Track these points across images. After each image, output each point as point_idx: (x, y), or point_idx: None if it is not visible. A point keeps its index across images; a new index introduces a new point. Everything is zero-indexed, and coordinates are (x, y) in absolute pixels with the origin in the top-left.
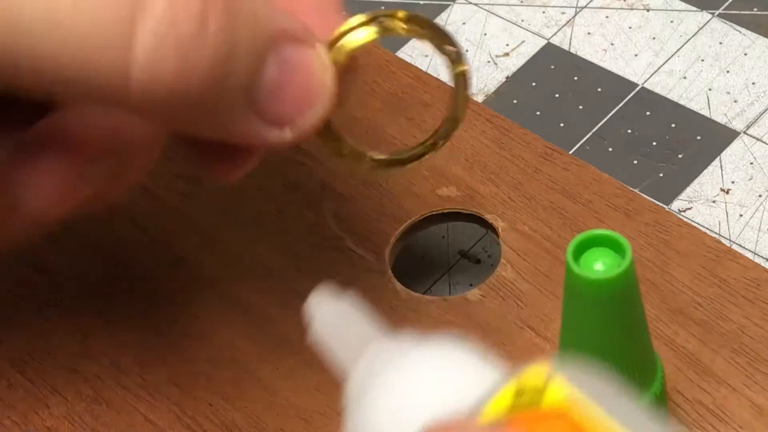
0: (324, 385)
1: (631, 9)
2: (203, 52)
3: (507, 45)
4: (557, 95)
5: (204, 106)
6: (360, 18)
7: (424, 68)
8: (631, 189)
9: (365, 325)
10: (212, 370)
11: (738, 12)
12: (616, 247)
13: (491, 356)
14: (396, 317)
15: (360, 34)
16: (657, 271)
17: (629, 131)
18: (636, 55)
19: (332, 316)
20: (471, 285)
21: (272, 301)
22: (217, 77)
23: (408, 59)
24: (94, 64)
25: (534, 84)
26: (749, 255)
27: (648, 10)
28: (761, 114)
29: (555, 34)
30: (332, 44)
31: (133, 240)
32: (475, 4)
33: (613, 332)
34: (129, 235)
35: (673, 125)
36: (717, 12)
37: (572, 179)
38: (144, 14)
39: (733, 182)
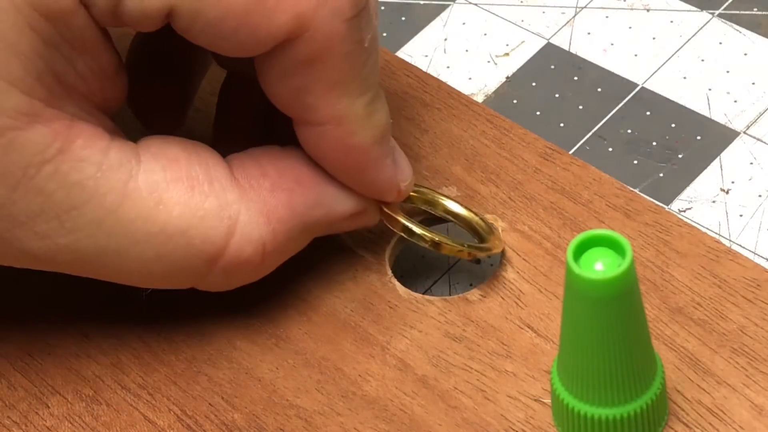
0: (324, 386)
1: (631, 9)
2: (259, 274)
3: (507, 45)
4: (557, 95)
5: None
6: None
7: (424, 68)
8: (631, 189)
9: None
10: (212, 370)
11: (738, 12)
12: (616, 247)
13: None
14: (396, 317)
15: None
16: (657, 271)
17: (629, 131)
18: (636, 55)
19: None
20: (471, 285)
21: (272, 301)
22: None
23: (408, 59)
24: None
25: (534, 84)
26: (749, 255)
27: (648, 10)
28: (761, 114)
29: (555, 34)
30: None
31: None
32: (475, 4)
33: (613, 332)
34: None
35: (673, 125)
36: (717, 12)
37: (572, 179)
38: (204, 283)
39: (733, 182)
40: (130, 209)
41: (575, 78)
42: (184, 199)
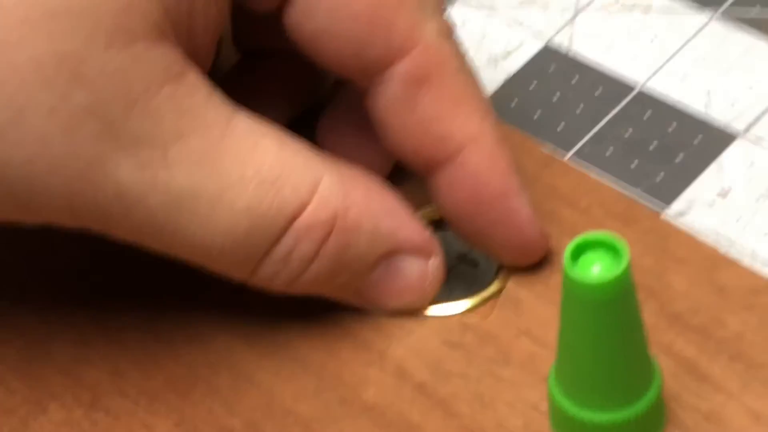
0: (322, 392)
1: (631, 9)
2: (311, 271)
3: (507, 45)
4: (557, 96)
5: (311, 291)
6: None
7: None
8: (630, 196)
9: None
10: (211, 376)
11: (738, 12)
12: (613, 251)
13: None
14: (394, 324)
15: None
16: (655, 278)
17: (629, 132)
18: (636, 56)
19: None
20: (469, 289)
21: (272, 306)
22: (322, 281)
23: None
24: (217, 267)
25: (533, 85)
26: (748, 258)
27: (648, 11)
28: (761, 115)
29: (555, 34)
30: None
31: (133, 244)
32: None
33: (609, 336)
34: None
35: (673, 125)
36: (717, 12)
37: (571, 186)
38: (269, 255)
39: (732, 183)
40: (230, 147)
41: (575, 79)
42: (276, 150)
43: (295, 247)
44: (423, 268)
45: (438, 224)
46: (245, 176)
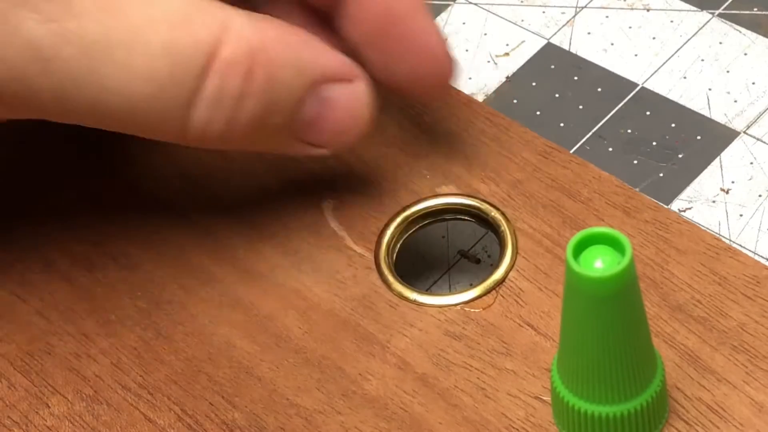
0: (324, 384)
1: (631, 9)
2: (246, 110)
3: (507, 45)
4: (557, 95)
5: (250, 140)
6: None
7: None
8: (631, 187)
9: None
10: (212, 370)
11: (738, 12)
12: (616, 245)
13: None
14: (396, 316)
15: None
16: (657, 268)
17: (629, 131)
18: (636, 55)
19: None
20: (471, 284)
21: (272, 300)
22: (258, 123)
23: None
24: (147, 126)
25: (534, 84)
26: (749, 255)
27: (648, 10)
28: (761, 114)
29: (555, 34)
30: None
31: (133, 240)
32: (475, 4)
33: (613, 330)
34: (128, 235)
35: (673, 125)
36: (717, 12)
37: (572, 177)
38: (199, 96)
39: (733, 182)
40: None
41: (575, 78)
42: None
43: (222, 86)
44: (351, 92)
45: (434, 217)
46: (154, 18)
